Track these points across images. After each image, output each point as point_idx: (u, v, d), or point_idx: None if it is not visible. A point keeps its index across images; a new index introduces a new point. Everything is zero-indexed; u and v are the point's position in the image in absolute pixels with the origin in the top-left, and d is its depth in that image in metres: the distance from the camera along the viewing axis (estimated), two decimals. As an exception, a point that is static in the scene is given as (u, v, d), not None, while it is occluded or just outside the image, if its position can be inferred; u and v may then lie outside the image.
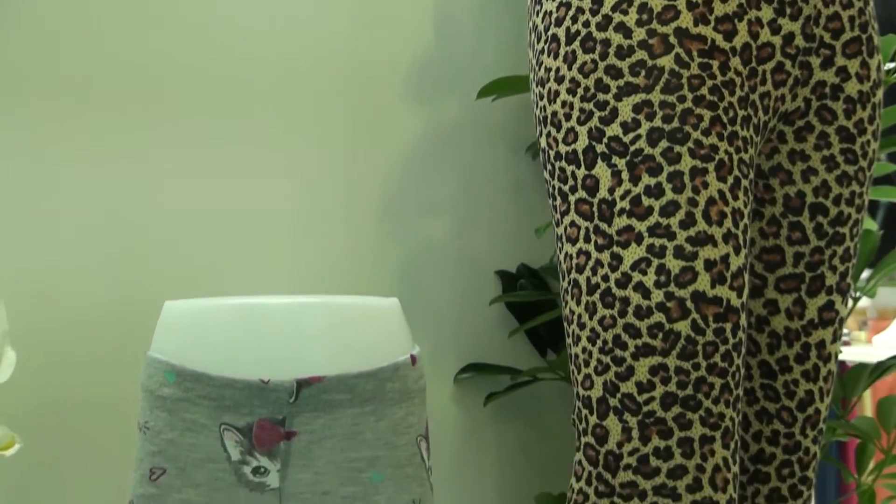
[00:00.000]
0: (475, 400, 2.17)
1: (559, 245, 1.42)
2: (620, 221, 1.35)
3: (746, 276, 1.36)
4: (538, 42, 1.45)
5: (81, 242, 1.84)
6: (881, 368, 2.00)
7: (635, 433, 1.32)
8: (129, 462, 1.34)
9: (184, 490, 1.30)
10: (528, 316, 2.15)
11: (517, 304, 2.18)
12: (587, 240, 1.37)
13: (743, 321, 1.35)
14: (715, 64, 1.37)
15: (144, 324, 1.43)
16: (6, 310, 1.47)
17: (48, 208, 1.82)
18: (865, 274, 2.17)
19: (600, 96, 1.37)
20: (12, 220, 1.79)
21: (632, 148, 1.35)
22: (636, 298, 1.33)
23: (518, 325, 2.17)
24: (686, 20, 1.36)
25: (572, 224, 1.39)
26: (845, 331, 4.83)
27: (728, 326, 1.33)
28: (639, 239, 1.34)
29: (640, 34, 1.36)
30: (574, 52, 1.40)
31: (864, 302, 4.79)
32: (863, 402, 4.12)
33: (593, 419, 1.36)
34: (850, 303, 2.05)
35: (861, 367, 2.01)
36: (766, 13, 1.40)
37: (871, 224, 2.05)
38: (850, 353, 3.74)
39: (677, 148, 1.34)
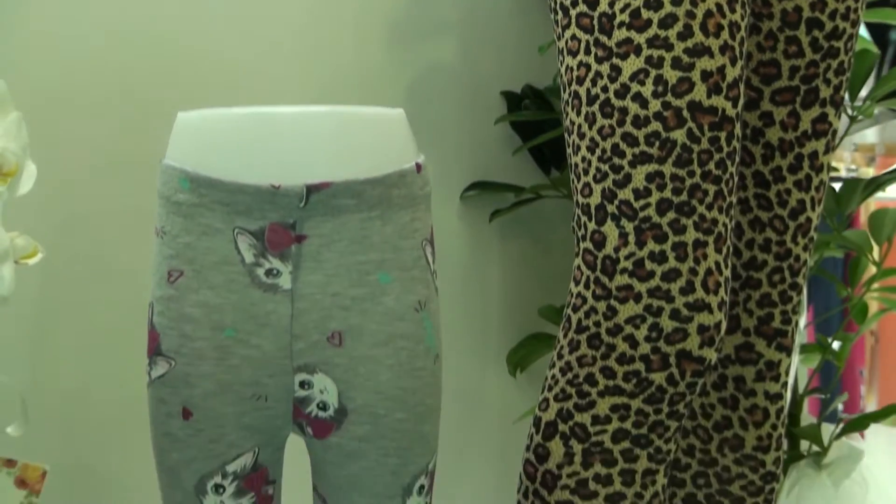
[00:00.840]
0: (481, 217, 2.22)
1: (560, 58, 1.45)
2: (620, 34, 1.38)
3: (742, 88, 1.39)
4: None
5: (96, 57, 1.87)
6: (875, 183, 2.04)
7: (631, 238, 1.37)
8: (149, 268, 1.40)
9: (201, 291, 1.35)
10: (531, 135, 2.19)
11: (521, 123, 2.22)
12: (587, 52, 1.40)
13: (737, 131, 1.39)
14: None
15: (158, 135, 1.48)
16: (26, 126, 1.51)
17: (63, 24, 1.85)
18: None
19: None
20: (29, 40, 1.83)
21: None
22: (634, 108, 1.37)
23: (522, 144, 2.21)
24: None
25: (573, 37, 1.42)
26: (852, 167, 4.85)
27: (723, 135, 1.37)
28: (637, 51, 1.37)
29: None
30: None
31: (872, 138, 4.80)
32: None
33: (591, 225, 1.41)
34: (847, 121, 2.09)
35: (855, 181, 2.04)
36: None
37: (866, 45, 2.07)
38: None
39: None
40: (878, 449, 3.50)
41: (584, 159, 1.42)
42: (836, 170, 4.00)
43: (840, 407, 3.65)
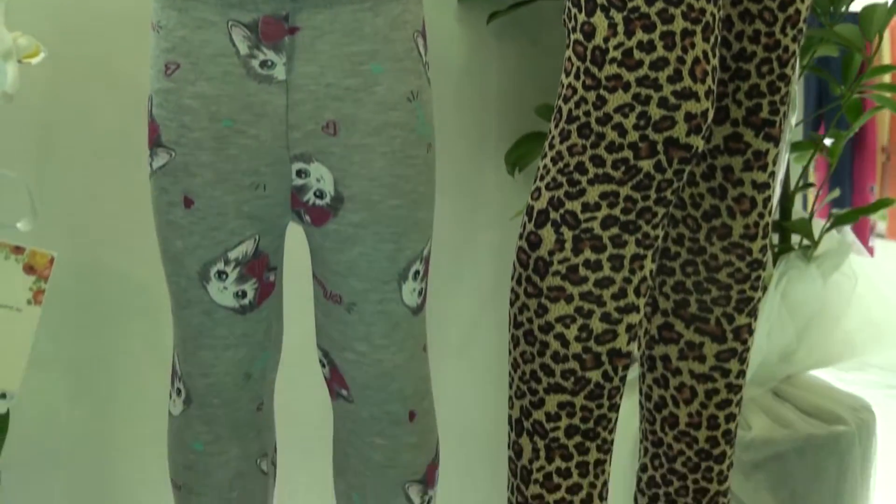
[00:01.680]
0: (479, 18, 2.23)
1: None
2: None
3: None
4: None
5: None
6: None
7: (620, 28, 1.39)
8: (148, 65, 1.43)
9: (197, 83, 1.38)
10: (529, -65, 2.19)
11: (519, -77, 2.21)
12: None
13: (726, -80, 1.40)
14: None
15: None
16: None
17: None
18: None
19: None
20: None
21: None
22: None
23: (519, -56, 2.21)
24: None
25: None
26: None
27: (711, -76, 1.38)
28: None
29: None
30: None
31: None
32: (881, 54, 4.09)
33: (581, 17, 1.42)
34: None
35: (847, -25, 2.03)
36: None
37: None
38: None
39: None
40: (888, 262, 3.54)
41: (573, -49, 1.43)
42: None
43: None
